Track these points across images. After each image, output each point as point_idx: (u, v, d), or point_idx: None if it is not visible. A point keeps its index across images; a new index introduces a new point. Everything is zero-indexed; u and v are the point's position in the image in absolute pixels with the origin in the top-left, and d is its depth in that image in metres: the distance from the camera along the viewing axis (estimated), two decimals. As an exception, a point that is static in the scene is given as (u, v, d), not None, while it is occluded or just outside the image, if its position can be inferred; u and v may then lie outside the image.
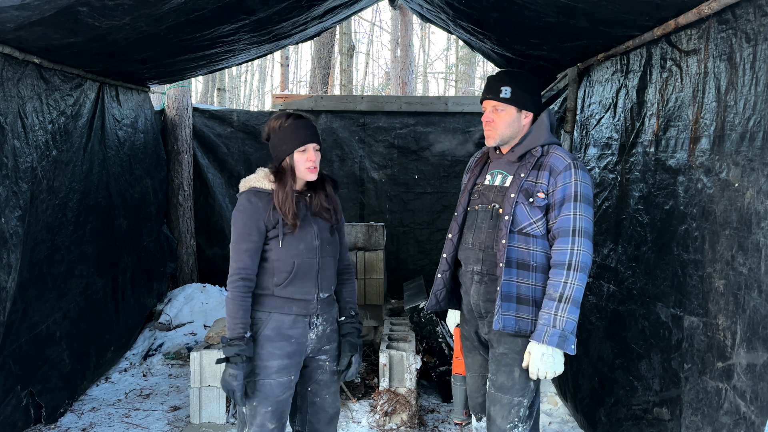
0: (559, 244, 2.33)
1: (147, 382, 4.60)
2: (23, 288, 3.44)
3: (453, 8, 3.72)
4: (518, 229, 2.40)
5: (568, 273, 2.28)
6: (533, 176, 2.42)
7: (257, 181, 2.47)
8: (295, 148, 2.41)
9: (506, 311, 2.38)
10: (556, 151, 2.44)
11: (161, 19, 3.11)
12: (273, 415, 2.44)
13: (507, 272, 2.38)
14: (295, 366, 2.48)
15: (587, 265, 2.31)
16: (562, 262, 2.30)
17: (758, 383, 1.95)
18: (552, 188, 2.38)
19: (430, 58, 22.39)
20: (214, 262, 6.30)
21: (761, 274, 1.95)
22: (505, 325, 2.38)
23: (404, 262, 6.20)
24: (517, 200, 2.40)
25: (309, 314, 2.47)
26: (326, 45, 10.56)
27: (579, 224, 2.31)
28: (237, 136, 6.26)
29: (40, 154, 3.55)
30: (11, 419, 3.43)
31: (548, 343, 2.26)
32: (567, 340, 2.26)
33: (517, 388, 2.42)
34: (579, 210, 2.33)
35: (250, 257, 2.40)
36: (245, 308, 2.38)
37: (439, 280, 2.67)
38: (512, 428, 2.43)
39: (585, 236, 2.31)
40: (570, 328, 2.26)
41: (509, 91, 2.45)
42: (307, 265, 2.44)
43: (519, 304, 2.40)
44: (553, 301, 2.28)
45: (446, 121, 6.11)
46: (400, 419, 3.76)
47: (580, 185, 2.35)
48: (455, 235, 2.61)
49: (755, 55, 2.06)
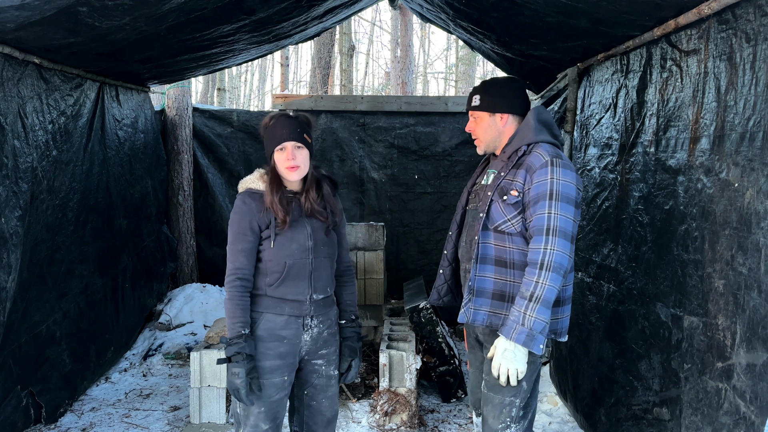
0: (534, 243, 2.29)
1: (147, 382, 4.60)
2: (23, 288, 3.44)
3: (453, 8, 3.72)
4: (494, 226, 2.41)
5: (540, 273, 2.23)
6: (511, 174, 2.43)
7: (252, 182, 2.48)
8: (274, 148, 2.40)
9: (477, 306, 2.42)
10: (538, 149, 2.40)
11: (161, 19, 3.12)
12: (266, 415, 2.44)
13: (481, 268, 2.42)
14: (289, 367, 2.47)
15: (561, 266, 2.23)
16: (535, 262, 2.26)
17: (758, 383, 1.95)
18: (528, 186, 2.35)
19: (430, 58, 22.41)
20: (214, 262, 6.30)
21: (761, 274, 1.95)
22: (474, 319, 2.42)
23: (404, 262, 6.20)
24: (492, 198, 2.42)
25: (302, 315, 2.46)
26: (326, 45, 10.57)
27: (553, 223, 2.25)
28: (237, 136, 6.27)
29: (41, 154, 3.55)
30: (11, 419, 3.43)
31: (515, 340, 2.24)
32: (534, 339, 2.22)
33: (509, 388, 2.41)
34: (554, 209, 2.26)
35: (246, 257, 2.40)
36: (243, 307, 2.39)
37: (441, 276, 2.73)
38: (504, 428, 2.43)
39: (560, 236, 2.24)
40: (538, 328, 2.21)
41: (478, 99, 2.56)
42: (300, 265, 2.42)
43: (494, 299, 2.41)
44: (524, 300, 2.25)
45: (446, 121, 6.12)
46: (400, 419, 3.76)
47: (557, 183, 2.29)
48: (455, 233, 2.67)
49: (755, 55, 2.06)
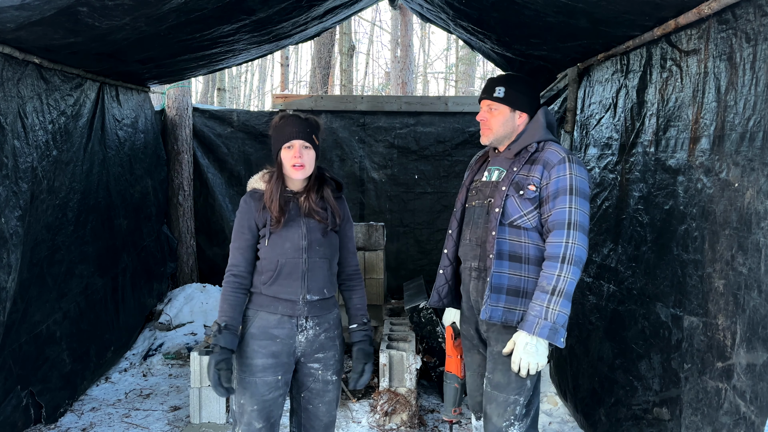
0: (553, 237, 2.33)
1: (147, 382, 4.60)
2: (23, 288, 3.44)
3: (453, 8, 3.72)
4: (509, 221, 2.41)
5: (562, 266, 2.27)
6: (525, 170, 2.44)
7: (255, 182, 2.53)
8: (282, 145, 2.41)
9: (494, 302, 2.39)
10: (552, 147, 2.45)
11: (161, 19, 3.12)
12: (259, 414, 2.43)
13: (498, 264, 2.40)
14: (283, 366, 2.45)
15: (581, 260, 2.30)
16: (557, 255, 2.29)
17: (758, 383, 1.95)
18: (546, 181, 2.39)
19: (430, 58, 22.39)
20: (214, 262, 6.29)
21: (761, 274, 1.96)
22: (492, 316, 2.40)
23: (404, 262, 6.20)
24: (508, 193, 2.42)
25: (296, 315, 2.45)
26: (326, 45, 10.56)
27: (574, 217, 2.30)
28: (237, 136, 6.26)
29: (41, 154, 3.56)
30: (11, 419, 3.43)
31: (539, 334, 2.26)
32: (557, 332, 2.26)
33: (513, 386, 2.42)
34: (574, 203, 2.32)
35: (242, 254, 2.43)
36: (231, 303, 2.40)
37: (441, 276, 2.69)
38: (508, 426, 2.43)
39: (580, 230, 2.30)
40: (561, 321, 2.26)
41: (503, 91, 2.50)
42: (292, 264, 2.42)
43: (508, 295, 2.41)
44: (546, 294, 2.28)
45: (446, 121, 6.11)
46: (400, 419, 3.76)
47: (575, 179, 2.35)
48: (455, 231, 2.64)
49: (755, 55, 2.06)
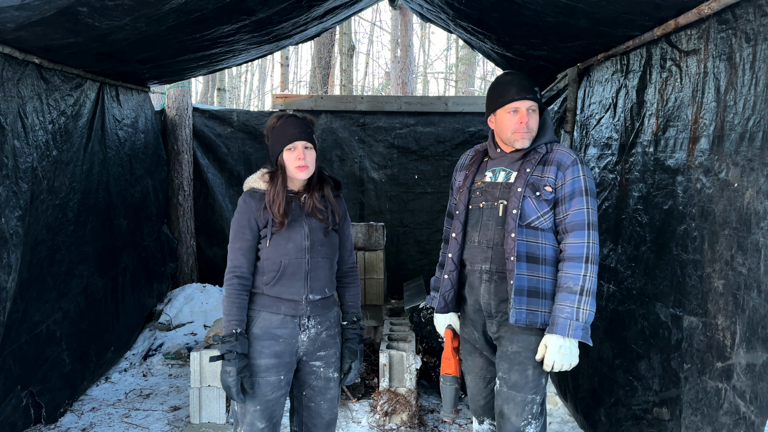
0: (574, 238, 2.38)
1: (147, 382, 4.60)
2: (23, 288, 3.44)
3: (453, 8, 3.72)
4: (526, 223, 2.42)
5: (587, 266, 2.34)
6: (539, 171, 2.46)
7: (254, 182, 2.52)
8: (284, 147, 2.42)
9: (518, 305, 2.39)
10: (561, 148, 2.51)
11: (161, 20, 3.12)
12: (262, 414, 2.44)
13: (518, 266, 2.40)
14: (285, 366, 2.46)
15: (598, 258, 2.39)
16: (580, 255, 2.35)
17: (758, 383, 1.95)
18: (561, 182, 2.43)
19: (430, 58, 22.38)
20: (214, 262, 6.30)
21: (761, 274, 1.96)
22: (518, 319, 2.40)
23: (404, 262, 6.20)
24: (524, 194, 2.42)
25: (298, 315, 2.46)
26: (326, 45, 10.56)
27: (591, 218, 2.39)
28: (237, 136, 6.26)
29: (41, 154, 3.56)
30: (11, 419, 3.43)
31: (573, 336, 2.31)
32: (588, 331, 2.34)
33: (531, 385, 2.44)
34: (589, 204, 2.40)
35: (244, 255, 2.43)
36: (239, 306, 2.41)
37: (447, 281, 2.62)
38: (526, 425, 2.45)
39: (595, 229, 2.39)
40: (591, 319, 2.34)
41: (538, 92, 2.53)
42: (296, 265, 2.43)
43: (529, 297, 2.41)
44: (574, 294, 2.32)
45: (446, 121, 6.11)
46: (400, 419, 3.76)
47: (588, 180, 2.43)
48: (459, 234, 2.58)
49: (755, 55, 2.06)
